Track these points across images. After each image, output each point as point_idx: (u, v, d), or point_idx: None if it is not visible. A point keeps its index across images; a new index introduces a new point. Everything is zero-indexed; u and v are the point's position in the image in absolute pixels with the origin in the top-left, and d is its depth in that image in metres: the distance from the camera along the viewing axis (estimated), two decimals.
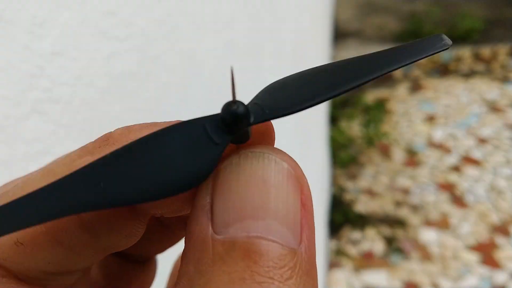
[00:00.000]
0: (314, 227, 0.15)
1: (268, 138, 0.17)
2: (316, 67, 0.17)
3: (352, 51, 3.77)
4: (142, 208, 0.17)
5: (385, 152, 2.96)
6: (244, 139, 0.16)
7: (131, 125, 0.17)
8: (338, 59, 0.17)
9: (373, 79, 0.15)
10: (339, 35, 3.89)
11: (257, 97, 0.17)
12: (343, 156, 2.84)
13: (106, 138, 0.16)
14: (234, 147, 0.16)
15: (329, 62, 0.17)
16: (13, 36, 0.26)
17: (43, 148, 0.29)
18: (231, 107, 0.15)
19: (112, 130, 0.17)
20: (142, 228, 0.17)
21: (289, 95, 0.16)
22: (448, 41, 0.18)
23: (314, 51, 1.74)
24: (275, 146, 0.17)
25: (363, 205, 2.58)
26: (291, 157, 0.16)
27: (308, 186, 0.16)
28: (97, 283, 0.21)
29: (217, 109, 0.15)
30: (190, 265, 0.15)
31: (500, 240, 2.32)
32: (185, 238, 0.15)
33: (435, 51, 0.17)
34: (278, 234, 0.14)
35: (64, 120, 0.30)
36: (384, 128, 3.14)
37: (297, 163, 0.16)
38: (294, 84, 0.16)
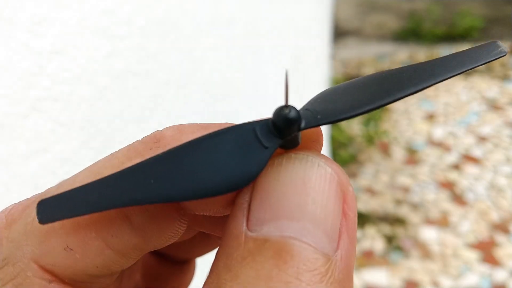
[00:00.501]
0: (355, 238, 0.15)
1: (316, 144, 0.17)
2: (369, 75, 0.17)
3: (352, 49, 3.77)
4: (188, 207, 0.17)
5: (385, 151, 2.96)
6: (293, 145, 0.16)
7: (182, 126, 0.17)
8: (338, 58, 0.17)
9: (427, 87, 0.15)
10: (339, 33, 3.89)
11: (308, 103, 0.17)
12: (343, 155, 2.85)
13: (157, 140, 0.16)
14: (282, 152, 0.16)
15: (382, 71, 0.17)
16: (12, 34, 0.26)
17: (43, 146, 0.29)
18: (283, 111, 0.15)
19: (162, 129, 0.17)
20: (184, 227, 0.17)
21: (341, 101, 0.16)
22: (504, 48, 0.17)
23: (314, 50, 1.74)
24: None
25: (363, 204, 2.58)
26: (337, 164, 0.15)
27: (353, 196, 0.15)
28: (135, 281, 0.21)
29: (216, 108, 0.15)
30: (220, 261, 0.14)
31: (500, 238, 2.32)
32: (222, 236, 0.15)
33: (492, 59, 0.17)
34: (312, 237, 0.14)
35: (64, 118, 0.30)
36: (384, 126, 3.14)
37: (343, 171, 0.15)
38: (346, 91, 0.16)
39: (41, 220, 0.14)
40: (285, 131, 0.15)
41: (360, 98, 0.15)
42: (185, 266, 0.24)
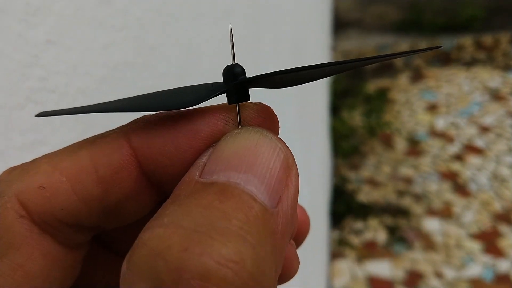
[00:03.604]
0: (294, 209, 0.17)
1: (270, 123, 0.20)
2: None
3: (353, 40, 3.76)
4: (148, 169, 0.19)
5: (387, 142, 2.95)
6: (242, 97, 0.19)
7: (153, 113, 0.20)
8: (339, 49, 0.19)
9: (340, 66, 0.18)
10: (339, 25, 3.88)
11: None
12: (345, 146, 2.84)
13: (134, 120, 0.20)
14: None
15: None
16: (6, 24, 0.26)
17: (39, 138, 0.29)
18: (230, 66, 0.19)
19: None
20: (148, 199, 0.20)
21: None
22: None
23: (314, 41, 1.73)
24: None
25: (365, 195, 2.59)
26: (286, 145, 0.17)
27: (297, 174, 0.17)
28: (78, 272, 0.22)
29: (215, 99, 0.18)
30: (168, 200, 0.16)
31: (503, 228, 2.32)
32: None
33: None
34: (255, 188, 0.15)
35: None
36: (385, 117, 3.13)
37: (290, 152, 0.17)
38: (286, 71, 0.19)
39: (37, 115, 0.16)
40: (228, 78, 0.19)
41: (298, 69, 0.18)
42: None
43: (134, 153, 0.19)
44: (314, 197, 1.51)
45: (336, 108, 3.11)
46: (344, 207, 2.48)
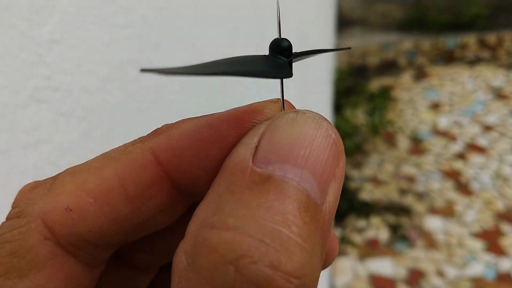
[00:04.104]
0: (338, 198, 0.17)
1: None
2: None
3: (357, 39, 3.75)
4: (179, 182, 0.19)
5: (390, 140, 2.95)
6: (290, 73, 0.19)
7: (174, 122, 0.20)
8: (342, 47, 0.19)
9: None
10: (343, 23, 3.87)
11: None
12: (348, 145, 2.84)
13: (155, 131, 0.19)
14: (290, 107, 0.20)
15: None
16: (10, 23, 0.26)
17: (43, 137, 0.28)
18: (280, 40, 0.19)
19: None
20: (178, 208, 0.20)
21: None
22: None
23: (318, 39, 1.73)
24: None
25: (368, 193, 2.58)
26: (337, 132, 0.17)
27: (344, 163, 0.17)
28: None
29: (220, 97, 0.18)
30: (221, 186, 0.16)
31: (505, 227, 2.32)
32: (220, 169, 0.17)
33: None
34: (310, 186, 0.16)
35: (64, 108, 0.30)
36: (388, 116, 3.13)
37: (341, 141, 0.17)
38: None
39: (141, 71, 0.16)
40: (284, 52, 0.19)
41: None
42: (146, 274, 0.25)
43: (163, 169, 0.19)
44: None
45: (339, 106, 3.11)
46: (347, 205, 2.48)
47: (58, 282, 0.18)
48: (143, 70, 0.15)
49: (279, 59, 0.19)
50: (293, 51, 0.20)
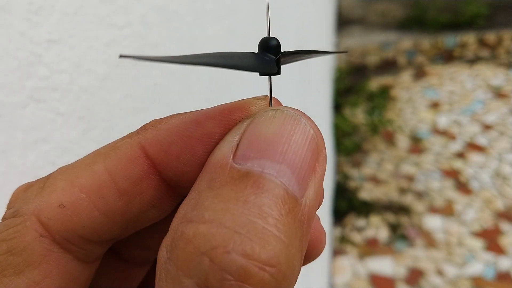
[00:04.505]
0: (320, 191, 0.18)
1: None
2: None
3: (356, 38, 3.75)
4: (168, 177, 0.19)
5: (390, 139, 2.95)
6: (278, 70, 0.20)
7: (162, 118, 0.20)
8: (342, 47, 0.19)
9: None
10: (343, 22, 3.87)
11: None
12: (348, 144, 2.84)
13: (143, 126, 0.20)
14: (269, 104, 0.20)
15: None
16: (8, 23, 0.26)
17: (42, 136, 0.28)
18: (268, 38, 0.20)
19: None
20: (168, 203, 0.20)
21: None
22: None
23: (317, 38, 1.73)
24: None
25: (367, 193, 2.58)
26: (317, 128, 0.18)
27: (325, 158, 0.18)
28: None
29: (219, 97, 0.18)
30: (203, 182, 0.17)
31: (505, 226, 2.32)
32: (204, 166, 0.18)
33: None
34: (288, 180, 0.16)
35: (63, 108, 0.30)
36: (388, 115, 3.13)
37: (321, 135, 0.18)
38: None
39: (120, 56, 0.16)
40: (272, 50, 0.20)
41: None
42: (140, 268, 0.25)
43: (151, 163, 0.19)
44: None
45: (338, 105, 3.11)
46: (346, 204, 2.48)
47: (54, 279, 0.18)
48: (122, 56, 0.16)
49: (267, 57, 0.20)
50: (284, 50, 0.20)
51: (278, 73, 0.20)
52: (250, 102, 0.19)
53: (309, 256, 0.22)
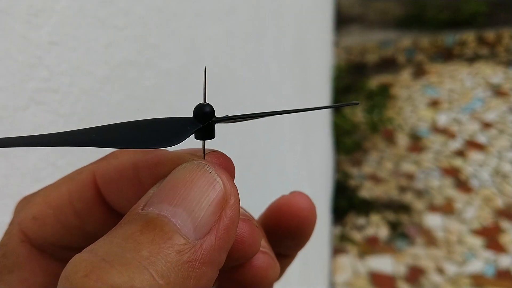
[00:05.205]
0: (226, 239, 0.18)
1: (226, 161, 0.21)
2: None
3: (355, 36, 3.75)
4: (112, 203, 0.22)
5: (389, 138, 2.95)
6: (210, 135, 0.20)
7: (121, 150, 0.22)
8: (341, 45, 0.19)
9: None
10: (342, 20, 3.87)
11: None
12: (347, 142, 2.84)
13: (106, 155, 0.22)
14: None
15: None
16: (9, 26, 0.26)
17: None
18: (201, 105, 0.20)
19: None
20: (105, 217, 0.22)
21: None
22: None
23: (317, 37, 1.73)
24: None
25: (367, 191, 2.59)
26: (229, 179, 0.19)
27: (234, 207, 0.18)
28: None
29: (218, 98, 0.18)
30: (116, 228, 0.18)
31: (504, 224, 2.32)
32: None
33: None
34: (181, 221, 0.17)
35: (63, 110, 0.30)
36: (388, 113, 3.13)
37: (233, 185, 0.19)
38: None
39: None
40: (201, 118, 0.20)
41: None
42: None
43: (98, 191, 0.21)
44: (316, 192, 1.51)
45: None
46: (346, 203, 2.48)
47: (39, 276, 0.21)
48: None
49: (193, 123, 0.20)
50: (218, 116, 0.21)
51: (208, 137, 0.20)
52: (182, 157, 0.20)
53: (240, 256, 0.22)
